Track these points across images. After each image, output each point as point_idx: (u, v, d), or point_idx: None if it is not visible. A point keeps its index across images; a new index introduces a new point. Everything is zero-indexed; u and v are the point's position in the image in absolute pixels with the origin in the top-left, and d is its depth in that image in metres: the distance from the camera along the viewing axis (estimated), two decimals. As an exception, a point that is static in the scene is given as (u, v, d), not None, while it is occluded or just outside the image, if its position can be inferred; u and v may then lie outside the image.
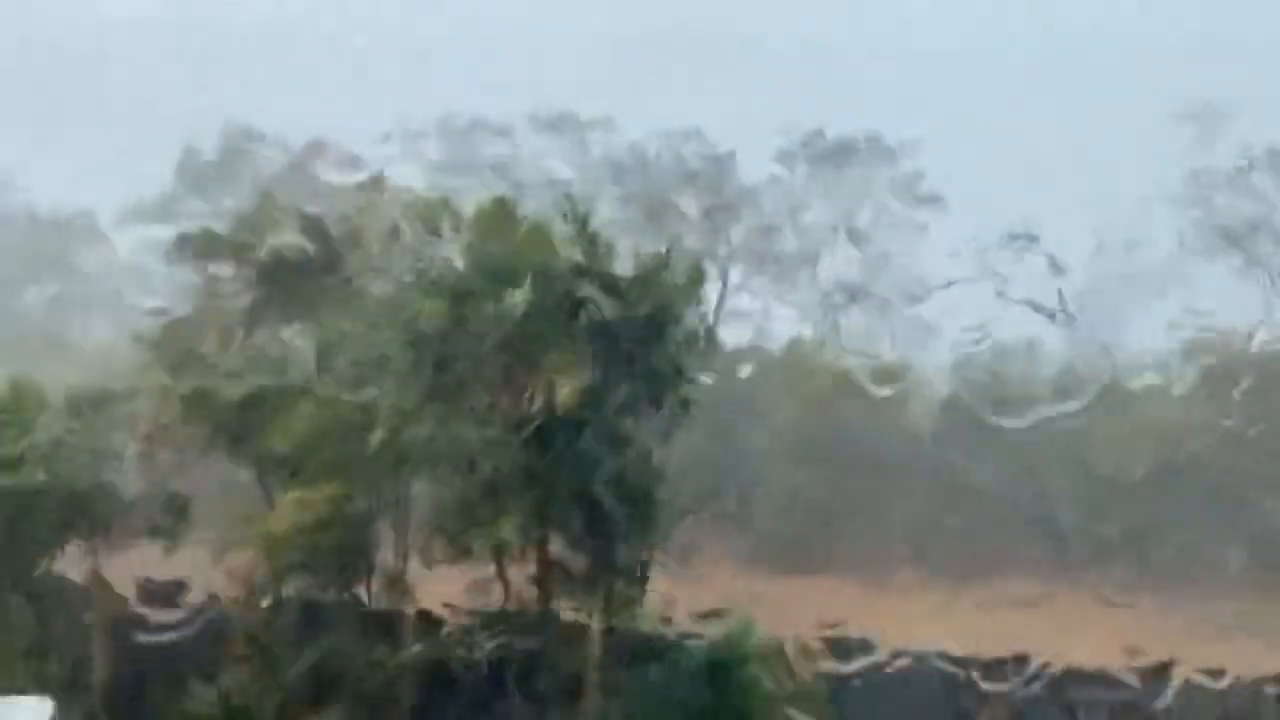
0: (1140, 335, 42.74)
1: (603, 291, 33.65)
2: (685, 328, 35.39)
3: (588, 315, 33.58)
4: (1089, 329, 43.19)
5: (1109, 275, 42.99)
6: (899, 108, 43.50)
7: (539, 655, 34.88)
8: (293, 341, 36.51)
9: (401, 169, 40.78)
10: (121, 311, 46.07)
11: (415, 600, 35.39)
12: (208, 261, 37.61)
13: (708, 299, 40.61)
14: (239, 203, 40.35)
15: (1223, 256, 43.30)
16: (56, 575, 36.19)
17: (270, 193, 38.90)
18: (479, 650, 35.45)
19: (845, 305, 44.97)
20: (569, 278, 33.84)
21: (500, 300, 33.44)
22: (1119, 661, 37.76)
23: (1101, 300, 43.20)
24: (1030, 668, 37.94)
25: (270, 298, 36.64)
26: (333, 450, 33.71)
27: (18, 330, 48.12)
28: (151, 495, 36.33)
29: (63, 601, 35.92)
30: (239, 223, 38.06)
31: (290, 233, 36.70)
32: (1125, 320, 42.93)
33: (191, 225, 39.22)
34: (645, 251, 35.81)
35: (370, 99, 44.18)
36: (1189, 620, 38.39)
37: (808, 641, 36.76)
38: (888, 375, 43.91)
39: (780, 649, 35.80)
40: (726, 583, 38.95)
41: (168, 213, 43.37)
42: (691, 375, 35.24)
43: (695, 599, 35.76)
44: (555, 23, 47.65)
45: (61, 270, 49.47)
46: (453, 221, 35.21)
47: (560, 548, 34.97)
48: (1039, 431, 43.63)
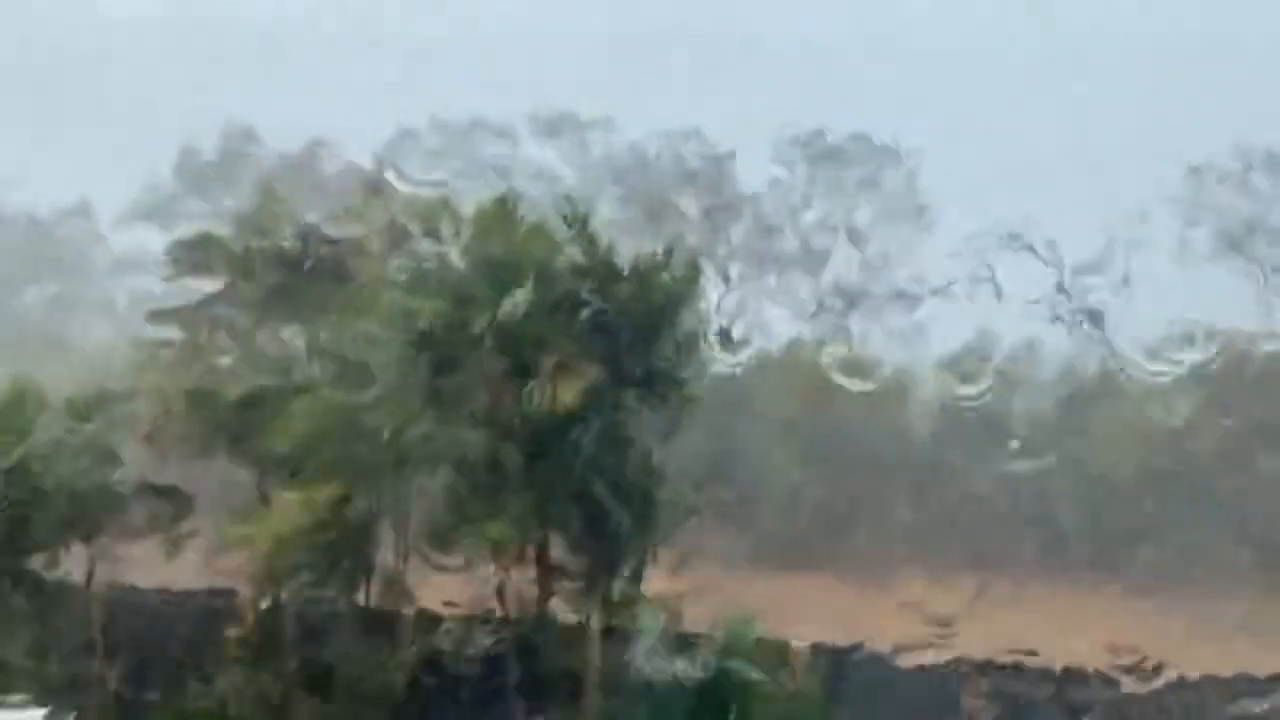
0: (1140, 335, 42.78)
1: (603, 291, 33.65)
2: (684, 327, 35.38)
3: (588, 315, 33.59)
4: (1089, 329, 43.26)
5: (1109, 275, 43.04)
6: (899, 108, 43.51)
7: (539, 655, 34.88)
8: (293, 341, 36.51)
9: (401, 169, 40.78)
10: (121, 311, 46.13)
11: (415, 600, 35.37)
12: (207, 262, 37.58)
13: (707, 298, 40.69)
14: (239, 203, 40.36)
15: (1222, 257, 43.36)
16: (57, 576, 36.19)
17: (273, 188, 38.90)
18: (478, 650, 35.50)
19: (845, 305, 45.04)
20: (569, 277, 33.86)
21: (500, 300, 33.44)
22: (1118, 661, 37.79)
23: (1101, 300, 43.25)
24: (1030, 668, 38.02)
25: (270, 298, 36.63)
26: (333, 450, 33.71)
27: (17, 330, 48.14)
28: (152, 495, 36.38)
29: (63, 602, 35.90)
30: (239, 223, 38.04)
31: (290, 232, 36.69)
32: (1125, 320, 42.97)
33: (191, 226, 39.27)
34: (645, 251, 35.80)
35: (370, 99, 44.17)
36: (1189, 620, 38.38)
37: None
38: (889, 375, 44.00)
39: (780, 649, 35.80)
40: (726, 583, 38.94)
41: (167, 213, 43.41)
42: (691, 375, 35.23)
43: (694, 599, 35.70)
44: (555, 23, 47.63)
45: (61, 270, 49.48)
46: (453, 221, 35.21)
47: (560, 548, 34.96)
48: (1039, 432, 43.78)
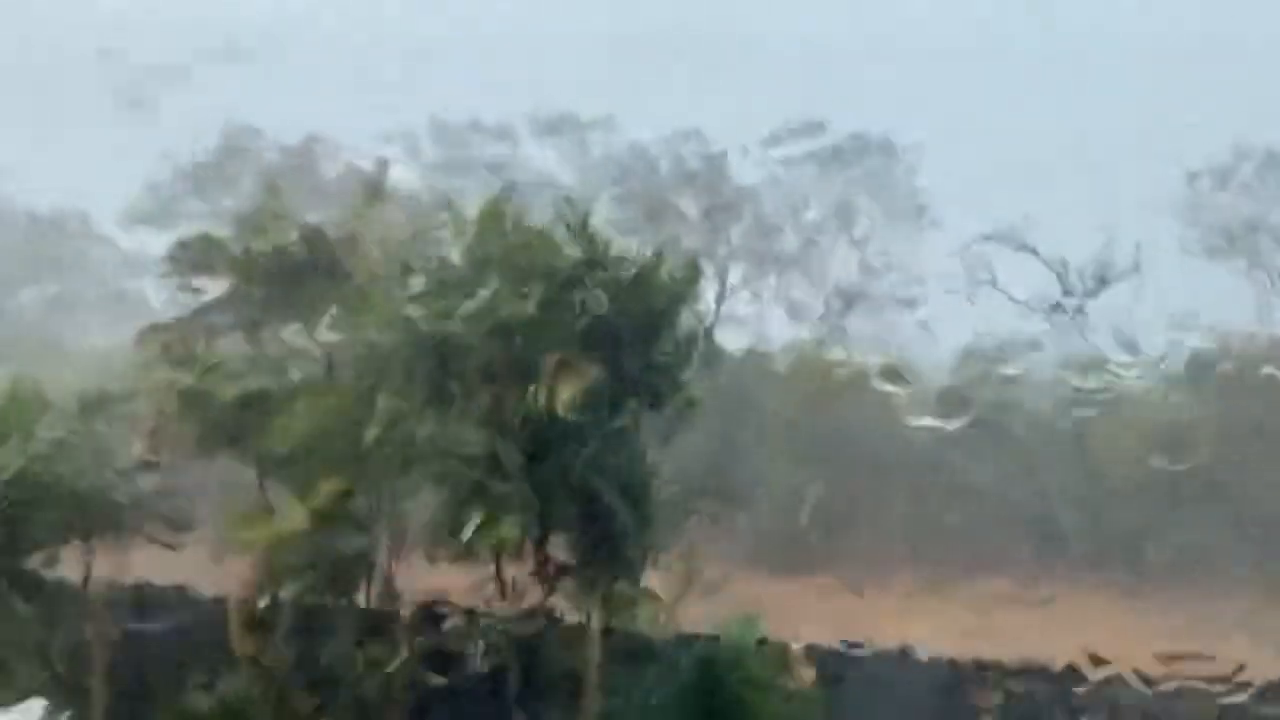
0: (1140, 335, 42.79)
1: (603, 291, 33.62)
2: (684, 327, 35.36)
3: (589, 314, 33.56)
4: (1088, 329, 43.27)
5: (1109, 276, 43.05)
6: (899, 107, 43.52)
7: (539, 655, 34.87)
8: (293, 341, 36.49)
9: (401, 169, 40.83)
10: (121, 312, 46.10)
11: (414, 601, 35.34)
12: (208, 263, 37.54)
13: (706, 298, 40.73)
14: (239, 203, 40.36)
15: (1222, 257, 43.40)
16: (56, 576, 36.17)
17: (275, 187, 38.88)
18: (478, 650, 35.48)
19: (845, 305, 45.07)
20: (570, 277, 33.82)
21: (500, 300, 33.43)
22: (1118, 661, 37.79)
23: (1101, 300, 43.26)
24: (1030, 668, 38.01)
25: (270, 298, 36.60)
26: (333, 450, 33.67)
27: (17, 331, 48.15)
28: (152, 496, 36.36)
29: (62, 603, 35.88)
30: (239, 223, 38.01)
31: (290, 233, 36.67)
32: (1125, 320, 42.99)
33: (191, 227, 39.24)
34: (645, 251, 35.78)
35: (370, 99, 44.17)
36: (1189, 620, 38.37)
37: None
38: (887, 375, 44.00)
39: (780, 649, 35.79)
40: (726, 583, 38.93)
41: (167, 213, 43.45)
42: (691, 375, 35.21)
43: (694, 599, 35.70)
44: (555, 23, 47.64)
45: (61, 270, 49.49)
46: (453, 221, 35.20)
47: (560, 548, 34.94)
48: (1039, 431, 43.79)
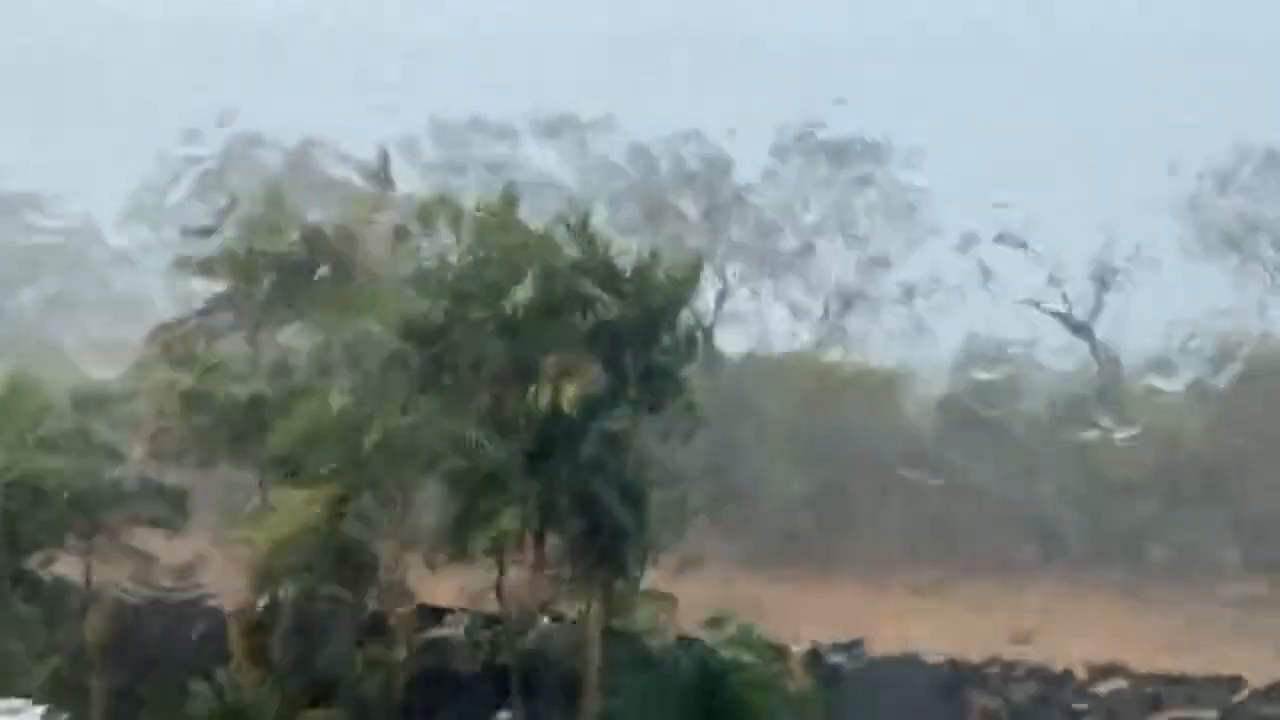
0: (1140, 335, 42.85)
1: (604, 290, 33.58)
2: (683, 327, 35.33)
3: (589, 314, 33.53)
4: (1088, 329, 43.35)
5: (1109, 276, 43.11)
6: (899, 107, 43.53)
7: (538, 655, 34.85)
8: (293, 342, 36.48)
9: (401, 169, 40.84)
10: (121, 312, 46.10)
11: (415, 600, 35.32)
12: (210, 264, 37.54)
13: (706, 298, 40.71)
14: (238, 203, 40.30)
15: (1222, 257, 43.43)
16: (56, 575, 36.17)
17: (277, 186, 38.89)
18: (478, 650, 35.48)
19: (844, 305, 45.10)
20: (570, 276, 33.78)
21: (501, 299, 33.40)
22: (1117, 661, 37.82)
23: (1101, 300, 43.34)
24: (1029, 668, 38.03)
25: (271, 298, 36.59)
26: (333, 450, 33.64)
27: (16, 330, 48.13)
28: (152, 495, 36.36)
29: (62, 601, 35.88)
30: (240, 224, 37.99)
31: (291, 233, 36.66)
32: (1125, 320, 43.06)
33: (190, 227, 39.24)
34: (644, 252, 35.75)
35: (370, 98, 44.18)
36: (1189, 620, 38.40)
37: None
38: (887, 375, 44.04)
39: (780, 650, 35.79)
40: (725, 583, 38.95)
41: (167, 213, 43.44)
42: (690, 375, 35.17)
43: (694, 599, 35.71)
44: (555, 23, 47.69)
45: (61, 270, 49.46)
46: (453, 221, 35.17)
47: (560, 548, 34.91)
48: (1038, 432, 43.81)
